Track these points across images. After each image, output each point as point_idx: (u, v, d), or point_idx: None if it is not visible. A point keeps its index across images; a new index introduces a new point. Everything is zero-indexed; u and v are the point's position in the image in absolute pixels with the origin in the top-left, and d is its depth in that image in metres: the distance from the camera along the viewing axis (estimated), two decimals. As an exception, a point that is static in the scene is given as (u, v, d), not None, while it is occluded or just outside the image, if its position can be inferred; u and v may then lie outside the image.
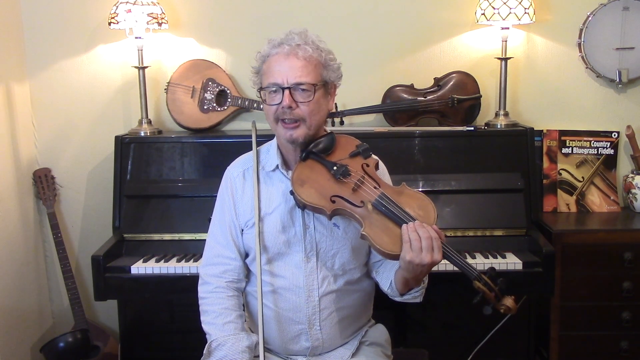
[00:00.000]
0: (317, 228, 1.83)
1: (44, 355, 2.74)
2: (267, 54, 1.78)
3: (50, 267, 3.09)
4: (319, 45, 1.78)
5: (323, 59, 1.78)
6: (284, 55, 1.74)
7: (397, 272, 1.78)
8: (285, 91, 1.73)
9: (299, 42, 1.75)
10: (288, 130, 1.77)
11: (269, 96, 1.77)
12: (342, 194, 1.74)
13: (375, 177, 1.79)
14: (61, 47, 2.95)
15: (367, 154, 1.84)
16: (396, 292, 1.82)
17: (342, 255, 1.84)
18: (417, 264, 1.64)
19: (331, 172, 1.77)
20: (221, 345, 1.77)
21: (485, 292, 1.65)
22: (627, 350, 2.57)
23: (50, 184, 2.95)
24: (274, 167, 1.86)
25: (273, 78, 1.75)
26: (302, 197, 1.74)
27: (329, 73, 1.80)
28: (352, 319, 1.93)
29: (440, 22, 2.91)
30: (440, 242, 1.66)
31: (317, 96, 1.76)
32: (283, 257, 1.84)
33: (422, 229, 1.65)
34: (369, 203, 1.72)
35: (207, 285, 1.88)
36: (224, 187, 1.93)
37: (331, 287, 1.84)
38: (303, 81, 1.73)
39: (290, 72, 1.73)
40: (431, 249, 1.63)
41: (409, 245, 1.63)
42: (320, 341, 1.86)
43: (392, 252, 1.67)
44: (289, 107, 1.73)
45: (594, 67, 2.87)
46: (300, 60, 1.74)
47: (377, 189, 1.75)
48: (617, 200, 2.89)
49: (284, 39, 1.77)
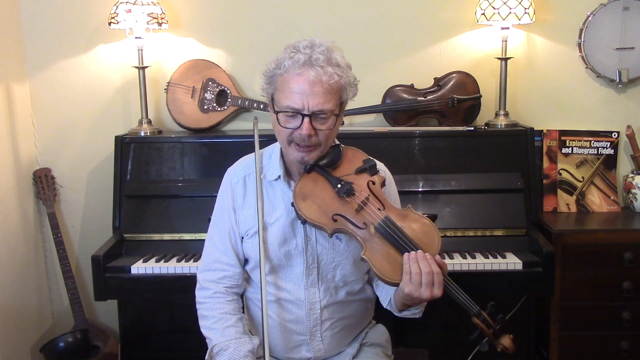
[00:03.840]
0: (319, 240, 1.79)
1: (44, 355, 2.74)
2: (286, 69, 1.64)
3: (50, 267, 3.09)
4: (341, 64, 1.66)
5: (345, 80, 1.67)
6: (308, 81, 1.62)
7: (396, 294, 1.75)
8: (305, 118, 1.63)
9: (322, 63, 1.62)
10: (301, 153, 1.70)
11: (284, 119, 1.67)
12: (345, 214, 1.68)
13: (381, 197, 1.73)
14: (61, 47, 2.95)
15: (374, 171, 1.76)
16: (395, 309, 1.80)
17: (344, 268, 1.81)
18: (415, 297, 1.61)
19: (335, 189, 1.71)
20: (223, 350, 1.74)
21: (484, 329, 1.63)
22: (627, 350, 2.57)
23: (50, 184, 2.95)
24: (276, 177, 1.80)
25: (293, 102, 1.63)
26: (303, 212, 1.69)
27: (348, 92, 1.70)
28: (354, 327, 1.92)
29: (440, 22, 2.91)
30: (442, 277, 1.62)
31: (336, 122, 1.69)
32: (284, 269, 1.81)
33: (424, 262, 1.60)
34: (372, 226, 1.67)
35: (205, 291, 1.84)
36: (224, 191, 1.86)
37: (333, 299, 1.82)
38: (325, 109, 1.64)
39: (312, 99, 1.62)
40: (431, 285, 1.59)
41: (409, 278, 1.60)
42: (322, 352, 1.85)
43: (392, 280, 1.63)
44: (308, 136, 1.65)
45: (594, 67, 2.87)
46: (324, 87, 1.62)
47: (381, 212, 1.69)
48: (617, 200, 2.89)
49: (308, 58, 1.62)
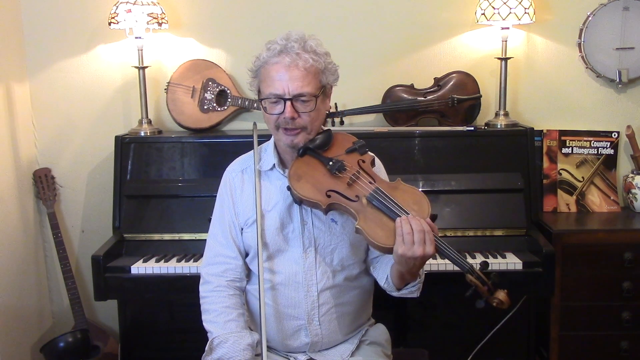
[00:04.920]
0: (315, 224, 1.85)
1: (44, 355, 2.74)
2: (265, 61, 1.77)
3: (50, 267, 3.09)
4: (317, 50, 1.77)
5: (322, 65, 1.77)
6: (285, 66, 1.73)
7: (392, 267, 1.79)
8: (286, 102, 1.74)
9: (298, 50, 1.74)
10: (289, 136, 1.79)
11: (269, 105, 1.78)
12: (338, 189, 1.76)
13: (371, 173, 1.81)
14: (61, 47, 2.95)
15: (364, 150, 1.86)
16: (392, 286, 1.83)
17: (341, 251, 1.86)
18: (409, 257, 1.64)
19: (327, 167, 1.80)
20: (223, 343, 1.78)
21: (478, 285, 1.66)
22: (627, 350, 2.57)
23: (50, 184, 2.95)
24: (271, 167, 1.89)
25: (274, 88, 1.74)
26: (299, 191, 1.76)
27: (328, 77, 1.80)
28: (352, 316, 1.94)
29: (440, 22, 2.91)
30: (433, 236, 1.66)
31: (318, 104, 1.78)
32: (282, 253, 1.86)
33: (415, 221, 1.65)
34: (364, 197, 1.74)
35: (208, 285, 1.90)
36: (223, 187, 1.95)
37: (330, 283, 1.86)
38: (304, 92, 1.74)
39: (291, 83, 1.73)
40: (423, 242, 1.64)
41: (402, 239, 1.64)
42: (320, 337, 1.87)
43: (386, 245, 1.68)
44: (291, 118, 1.75)
45: (594, 67, 2.87)
46: (300, 71, 1.73)
47: (372, 184, 1.77)
48: (617, 200, 2.89)
49: (283, 46, 1.75)
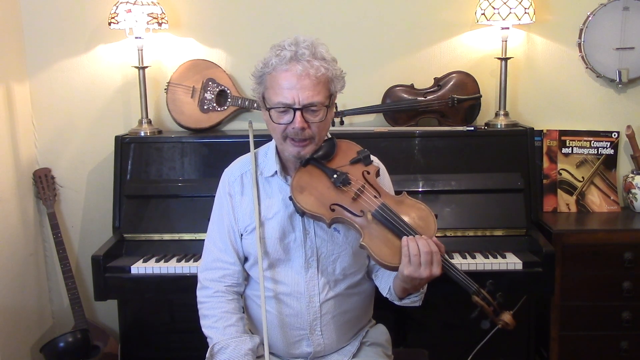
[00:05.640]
0: (318, 233, 1.81)
1: (44, 355, 2.74)
2: (273, 67, 1.68)
3: (50, 267, 3.09)
4: (326, 57, 1.70)
5: (332, 73, 1.71)
6: (296, 75, 1.66)
7: (395, 280, 1.77)
8: (296, 112, 1.67)
9: (309, 57, 1.67)
10: (296, 147, 1.73)
11: (277, 115, 1.70)
12: (342, 203, 1.72)
13: (376, 186, 1.76)
14: (61, 47, 2.95)
15: (368, 161, 1.80)
16: (395, 297, 1.81)
17: (343, 260, 1.83)
18: (415, 278, 1.63)
19: (331, 179, 1.74)
20: (224, 349, 1.75)
21: (484, 306, 1.65)
22: (627, 350, 2.57)
23: (50, 184, 2.95)
24: (273, 173, 1.83)
25: (283, 97, 1.67)
26: (301, 204, 1.72)
27: (336, 85, 1.74)
28: (353, 322, 1.92)
29: (440, 22, 2.91)
30: (440, 256, 1.64)
31: (327, 114, 1.72)
32: (283, 263, 1.82)
33: (422, 242, 1.62)
34: (369, 213, 1.70)
35: (206, 290, 1.86)
36: (221, 190, 1.90)
37: (332, 293, 1.83)
38: (315, 101, 1.67)
39: (302, 93, 1.66)
40: (430, 264, 1.61)
41: (408, 260, 1.61)
42: (322, 346, 1.86)
43: (391, 264, 1.65)
44: (301, 129, 1.68)
45: (594, 67, 2.87)
46: (312, 80, 1.66)
47: (378, 199, 1.72)
48: (617, 200, 2.89)
49: (294, 53, 1.67)
